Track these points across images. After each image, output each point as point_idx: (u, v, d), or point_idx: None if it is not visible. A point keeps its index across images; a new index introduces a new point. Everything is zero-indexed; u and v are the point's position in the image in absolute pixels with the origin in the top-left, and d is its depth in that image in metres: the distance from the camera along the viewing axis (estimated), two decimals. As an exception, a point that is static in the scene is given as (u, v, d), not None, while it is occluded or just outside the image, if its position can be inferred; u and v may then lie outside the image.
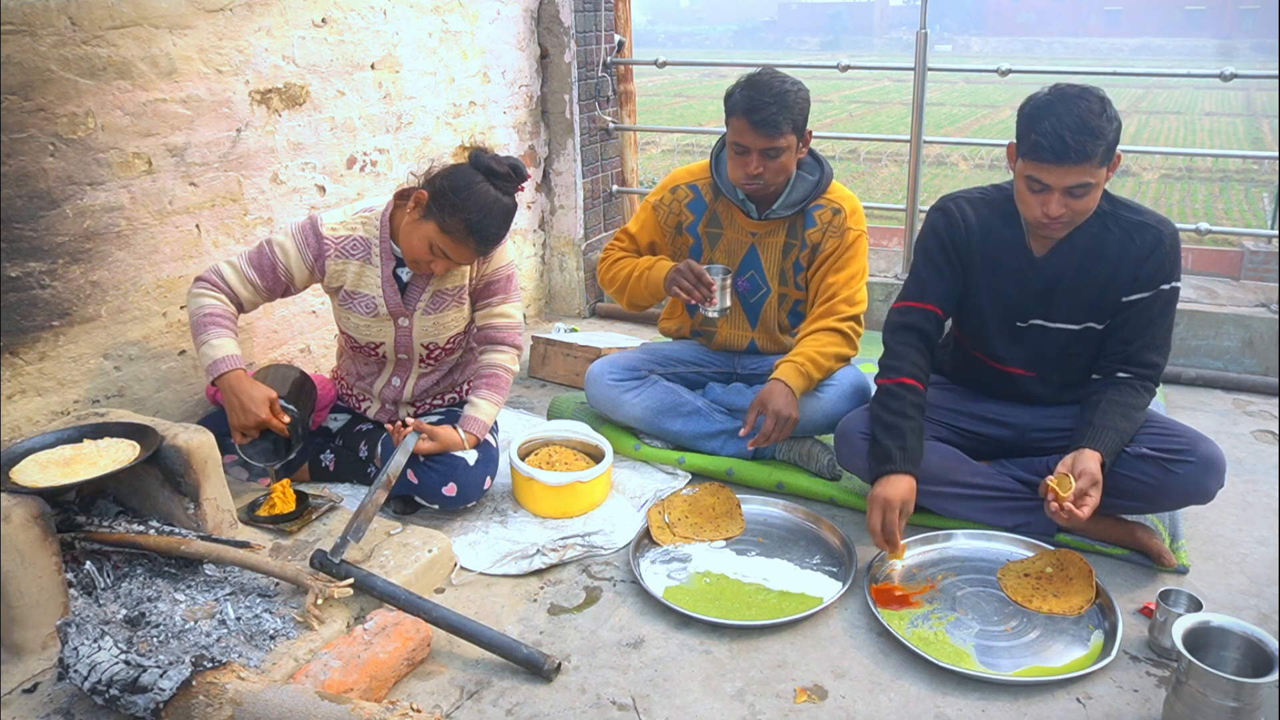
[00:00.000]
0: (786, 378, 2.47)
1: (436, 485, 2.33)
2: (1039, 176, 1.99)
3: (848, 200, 2.62)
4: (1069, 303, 2.20)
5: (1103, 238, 2.13)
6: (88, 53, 2.20)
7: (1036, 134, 1.96)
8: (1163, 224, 2.14)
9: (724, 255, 2.69)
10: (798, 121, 2.43)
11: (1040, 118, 1.97)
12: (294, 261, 2.33)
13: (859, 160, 22.93)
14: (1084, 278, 2.17)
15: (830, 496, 2.53)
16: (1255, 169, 19.91)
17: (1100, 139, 1.93)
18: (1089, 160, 1.94)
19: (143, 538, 2.00)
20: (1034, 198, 2.03)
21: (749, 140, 2.42)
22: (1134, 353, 2.18)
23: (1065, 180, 1.97)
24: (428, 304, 2.40)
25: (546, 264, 4.19)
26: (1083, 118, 1.93)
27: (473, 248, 2.24)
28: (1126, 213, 2.15)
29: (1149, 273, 2.13)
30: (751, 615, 2.05)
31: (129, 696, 1.60)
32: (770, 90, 2.39)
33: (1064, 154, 1.93)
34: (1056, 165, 1.95)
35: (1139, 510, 2.25)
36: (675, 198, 2.71)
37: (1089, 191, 2.00)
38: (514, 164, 2.28)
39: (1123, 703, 1.81)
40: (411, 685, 1.86)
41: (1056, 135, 1.93)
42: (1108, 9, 77.42)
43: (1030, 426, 2.37)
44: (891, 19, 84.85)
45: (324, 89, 2.87)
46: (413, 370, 2.51)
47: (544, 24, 3.84)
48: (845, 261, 2.58)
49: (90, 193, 2.26)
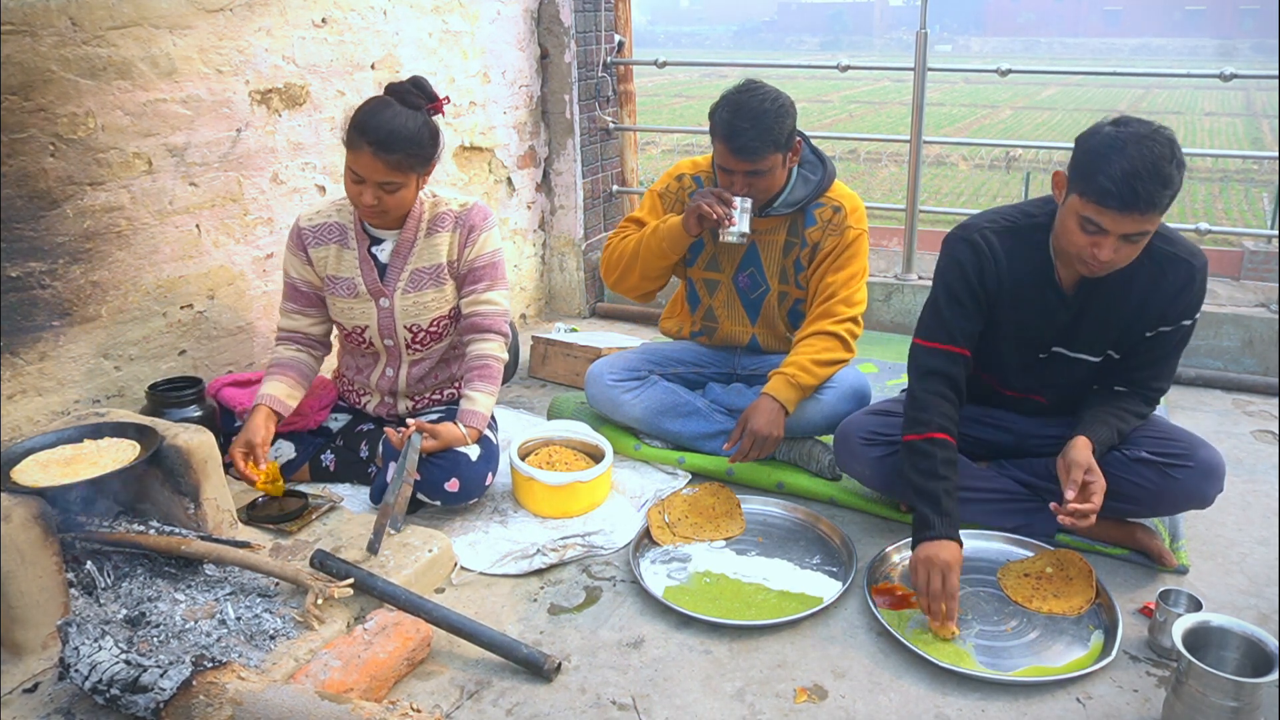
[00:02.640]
0: (776, 392, 2.47)
1: (439, 481, 2.33)
2: (1098, 220, 1.85)
3: (849, 199, 2.61)
4: (1093, 334, 2.14)
5: (1133, 270, 2.00)
6: (88, 53, 2.20)
7: (1106, 177, 1.80)
8: (1194, 256, 2.04)
9: (725, 251, 2.69)
10: (779, 140, 2.40)
11: (1110, 159, 1.81)
12: (298, 270, 2.43)
13: (859, 160, 22.92)
14: (1111, 310, 2.09)
15: (830, 496, 2.53)
16: (1255, 169, 19.90)
17: (1170, 188, 1.80)
18: (1155, 210, 1.81)
19: (143, 538, 2.00)
20: (1085, 239, 1.89)
21: (731, 164, 2.42)
22: (1141, 379, 2.16)
23: (1124, 228, 1.84)
24: (406, 283, 2.41)
25: (546, 264, 4.19)
26: (1156, 165, 1.78)
27: (369, 151, 2.17)
28: (1159, 242, 2.01)
29: (1177, 310, 2.06)
30: (751, 615, 2.05)
31: (129, 696, 1.60)
32: (748, 114, 2.37)
33: (1133, 204, 1.79)
34: (1122, 214, 1.81)
35: (1137, 514, 2.24)
36: (681, 185, 2.70)
37: (1144, 239, 1.89)
38: (415, 79, 2.32)
39: (1123, 703, 1.81)
40: (411, 685, 1.86)
41: (1128, 183, 1.78)
42: (1107, 9, 77.40)
43: (1029, 433, 2.36)
44: (891, 19, 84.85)
45: (324, 89, 2.87)
46: (403, 358, 2.51)
47: (544, 24, 3.84)
48: (845, 261, 2.57)
49: (90, 193, 2.26)
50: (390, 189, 2.24)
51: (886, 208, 4.53)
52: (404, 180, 2.26)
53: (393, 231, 2.41)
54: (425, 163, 2.29)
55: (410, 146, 2.22)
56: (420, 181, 2.33)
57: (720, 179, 2.50)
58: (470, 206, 2.45)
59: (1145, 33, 69.17)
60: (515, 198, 3.90)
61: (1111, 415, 2.12)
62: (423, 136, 2.25)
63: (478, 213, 2.44)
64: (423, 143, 2.25)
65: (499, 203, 3.81)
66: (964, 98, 31.47)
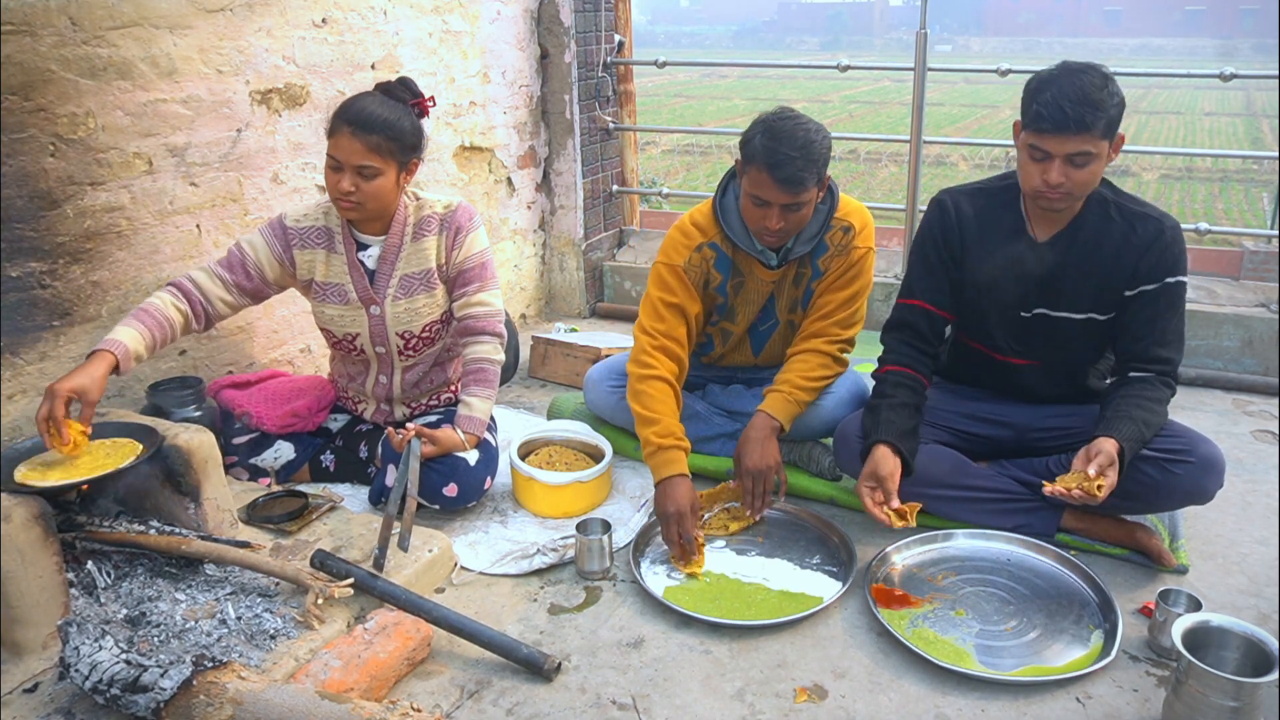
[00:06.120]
0: (774, 410, 2.38)
1: (437, 486, 2.33)
2: (1039, 144, 2.02)
3: (857, 215, 2.47)
4: (1072, 291, 2.20)
5: (1105, 226, 2.16)
6: (88, 53, 2.20)
7: (1038, 104, 2.01)
8: (1164, 217, 2.16)
9: (744, 305, 2.56)
10: (821, 173, 2.27)
11: (1043, 89, 2.02)
12: (263, 255, 2.35)
13: (859, 160, 22.93)
14: (1086, 265, 2.17)
15: (830, 496, 2.53)
16: (1255, 169, 19.91)
17: (1101, 111, 1.97)
18: (1089, 130, 1.97)
19: (143, 538, 2.00)
20: (1035, 166, 2.06)
21: (771, 195, 2.23)
22: (1143, 349, 2.17)
23: (1065, 148, 2.00)
24: (397, 289, 2.39)
25: (546, 264, 4.19)
26: (1084, 90, 1.97)
27: (347, 131, 2.17)
28: (1129, 204, 2.17)
29: (1149, 264, 2.14)
30: (751, 615, 2.05)
31: (130, 696, 1.60)
32: (795, 142, 2.19)
33: (1063, 123, 1.97)
34: (1056, 134, 1.99)
35: (1137, 510, 2.25)
36: (703, 257, 2.46)
37: (1089, 162, 2.02)
38: (402, 78, 2.33)
39: (1122, 702, 1.81)
40: (412, 685, 1.86)
41: (1057, 105, 1.97)
42: (1107, 9, 77.45)
43: (1029, 426, 2.37)
44: (891, 19, 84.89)
45: (324, 89, 2.87)
46: (395, 365, 2.50)
47: (544, 24, 3.84)
48: (849, 280, 2.47)
49: (91, 193, 2.26)
50: (368, 174, 2.20)
51: (886, 208, 4.53)
52: (382, 166, 2.21)
53: (379, 237, 2.38)
54: (405, 153, 2.26)
55: (389, 130, 2.20)
56: (402, 179, 2.29)
57: (750, 213, 2.32)
58: (455, 208, 2.42)
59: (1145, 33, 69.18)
60: (515, 198, 3.90)
61: (1134, 406, 2.09)
62: (403, 124, 2.24)
63: (463, 213, 2.42)
64: (403, 130, 2.23)
65: (499, 203, 3.81)
66: (964, 98, 31.47)
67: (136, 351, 2.08)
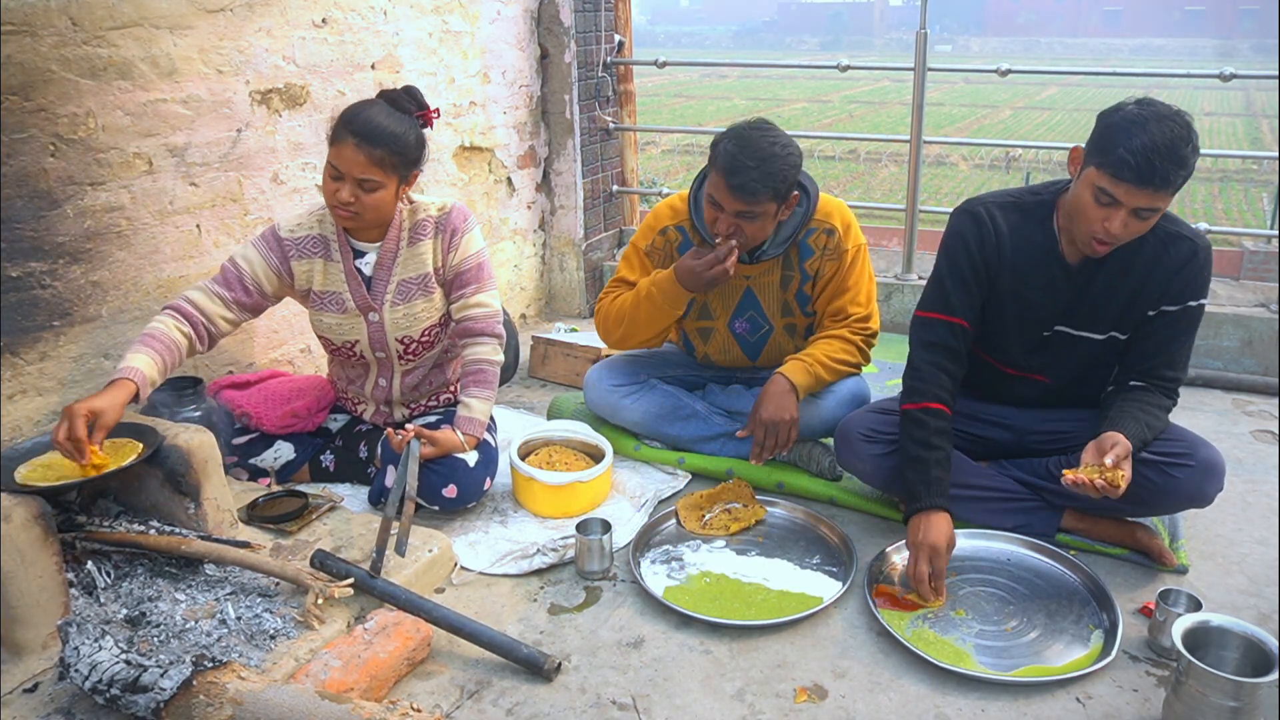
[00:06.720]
0: (790, 374, 2.41)
1: (437, 487, 2.33)
2: (1113, 192, 1.90)
3: (839, 215, 2.50)
4: (1096, 311, 2.16)
5: (1137, 247, 2.07)
6: (88, 53, 2.20)
7: (1126, 150, 1.86)
8: (1198, 237, 2.09)
9: (718, 298, 2.59)
10: (780, 189, 2.27)
11: (1131, 134, 1.87)
12: (260, 269, 2.33)
13: (859, 160, 22.93)
14: (1115, 286, 2.12)
15: (830, 496, 2.53)
16: (1255, 169, 19.90)
17: (1184, 169, 1.88)
18: (1168, 188, 1.88)
19: (143, 538, 2.01)
20: (1098, 211, 1.94)
21: (723, 200, 2.28)
22: (1150, 368, 2.15)
23: (1137, 201, 1.90)
24: (395, 295, 2.39)
25: (546, 264, 4.19)
26: (1173, 144, 1.85)
27: (351, 143, 2.15)
28: (1163, 222, 2.07)
29: (1179, 286, 2.09)
30: (751, 615, 2.05)
31: (130, 696, 1.60)
32: (756, 152, 2.23)
33: (1149, 178, 1.86)
34: (1136, 186, 1.88)
35: (1137, 513, 2.25)
36: (666, 239, 2.57)
37: (1154, 216, 1.94)
38: (408, 87, 2.32)
39: (1122, 702, 1.81)
40: (412, 685, 1.86)
41: (1146, 157, 1.84)
42: (1107, 9, 77.44)
43: (1029, 429, 2.36)
44: (891, 19, 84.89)
45: (324, 89, 2.87)
46: (395, 368, 2.50)
47: (544, 24, 3.84)
48: (850, 283, 2.50)
49: (91, 193, 2.26)
50: (369, 187, 2.19)
51: (886, 208, 4.53)
52: (384, 180, 2.21)
53: (375, 244, 2.38)
54: (407, 167, 2.25)
55: (394, 144, 2.19)
56: (401, 191, 2.29)
57: (706, 212, 2.37)
58: (449, 210, 2.41)
59: (1145, 33, 69.19)
60: (515, 198, 3.91)
61: (1139, 410, 2.09)
62: (408, 138, 2.23)
63: (457, 215, 2.41)
64: (408, 144, 2.22)
65: (499, 203, 3.81)
66: (964, 98, 31.48)
67: (152, 378, 2.09)
